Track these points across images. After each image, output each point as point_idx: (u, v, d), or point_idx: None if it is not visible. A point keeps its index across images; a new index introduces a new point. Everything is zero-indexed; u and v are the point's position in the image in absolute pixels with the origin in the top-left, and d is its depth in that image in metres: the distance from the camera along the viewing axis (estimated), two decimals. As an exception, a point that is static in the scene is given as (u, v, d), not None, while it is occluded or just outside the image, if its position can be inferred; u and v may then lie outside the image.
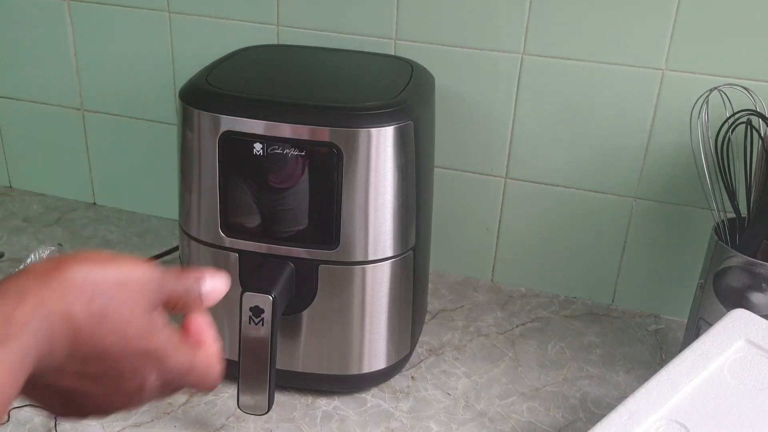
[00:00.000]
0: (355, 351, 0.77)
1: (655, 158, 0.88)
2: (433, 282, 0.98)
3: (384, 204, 0.71)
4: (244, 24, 0.97)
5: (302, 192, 0.70)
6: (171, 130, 0.74)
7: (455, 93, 0.92)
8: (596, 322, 0.94)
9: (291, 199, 0.70)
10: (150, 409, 0.76)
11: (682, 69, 0.84)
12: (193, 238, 0.75)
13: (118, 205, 1.17)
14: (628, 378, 0.84)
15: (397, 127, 0.69)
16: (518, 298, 0.99)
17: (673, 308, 0.95)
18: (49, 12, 1.05)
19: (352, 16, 0.92)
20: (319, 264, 0.72)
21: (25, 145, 1.17)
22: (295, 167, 0.69)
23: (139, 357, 0.41)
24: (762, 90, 0.79)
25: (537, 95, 0.90)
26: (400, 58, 0.87)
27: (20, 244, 1.06)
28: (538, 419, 0.78)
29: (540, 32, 0.87)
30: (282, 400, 0.78)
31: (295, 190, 0.70)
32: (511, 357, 0.87)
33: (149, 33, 1.02)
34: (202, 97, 0.71)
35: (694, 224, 0.89)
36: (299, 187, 0.70)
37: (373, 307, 0.75)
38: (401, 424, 0.76)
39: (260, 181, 0.70)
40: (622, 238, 0.94)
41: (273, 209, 0.71)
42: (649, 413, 0.60)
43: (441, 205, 0.94)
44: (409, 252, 0.76)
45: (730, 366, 0.64)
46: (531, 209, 0.96)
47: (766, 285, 0.72)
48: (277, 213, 0.71)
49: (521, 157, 0.93)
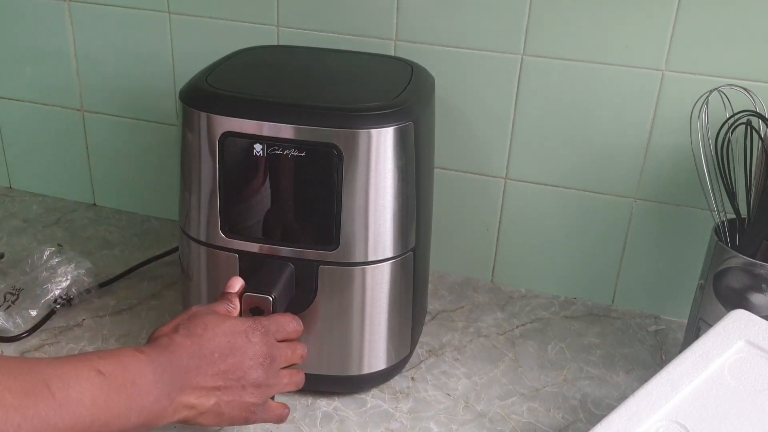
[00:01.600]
0: (355, 352, 0.77)
1: (655, 159, 0.88)
2: (433, 282, 0.98)
3: (384, 205, 0.71)
4: (244, 24, 0.97)
5: (302, 193, 0.70)
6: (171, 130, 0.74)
7: (455, 93, 0.92)
8: (596, 323, 0.94)
9: (291, 200, 0.70)
10: (150, 410, 0.76)
11: (682, 70, 0.84)
12: (193, 239, 0.75)
13: (118, 205, 1.17)
14: (628, 379, 0.84)
15: (397, 127, 0.69)
16: (518, 298, 0.99)
17: (673, 309, 0.95)
18: (49, 12, 1.05)
19: (352, 16, 0.92)
20: (319, 265, 0.72)
21: (25, 146, 1.17)
22: (295, 168, 0.69)
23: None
24: (762, 91, 0.79)
25: (537, 96, 0.90)
26: (400, 59, 0.87)
27: (20, 244, 1.06)
28: (538, 420, 0.78)
29: (540, 32, 0.87)
30: (282, 400, 0.78)
31: (295, 191, 0.70)
32: (511, 358, 0.87)
33: (149, 33, 1.02)
34: (203, 97, 0.71)
35: (694, 225, 0.89)
36: (299, 188, 0.70)
37: (373, 307, 0.75)
38: (401, 424, 0.76)
39: (260, 182, 0.70)
40: (622, 239, 0.94)
41: (273, 210, 0.71)
42: (650, 414, 0.61)
43: (441, 206, 0.94)
44: (409, 253, 0.76)
45: (730, 367, 0.64)
46: (531, 209, 0.96)
47: (766, 286, 0.72)
48: (277, 214, 0.71)
49: (521, 157, 0.93)
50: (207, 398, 0.61)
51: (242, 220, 0.72)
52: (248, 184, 0.70)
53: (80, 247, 1.05)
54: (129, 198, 1.15)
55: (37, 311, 0.88)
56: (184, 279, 0.79)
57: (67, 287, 0.91)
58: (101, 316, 0.91)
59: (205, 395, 0.61)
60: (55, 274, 0.91)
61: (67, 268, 0.92)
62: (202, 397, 0.61)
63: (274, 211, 0.71)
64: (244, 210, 0.71)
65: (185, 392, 0.60)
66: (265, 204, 0.71)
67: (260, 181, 0.70)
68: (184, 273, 0.79)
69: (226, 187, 0.71)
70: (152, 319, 0.91)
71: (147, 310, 0.93)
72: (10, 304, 0.88)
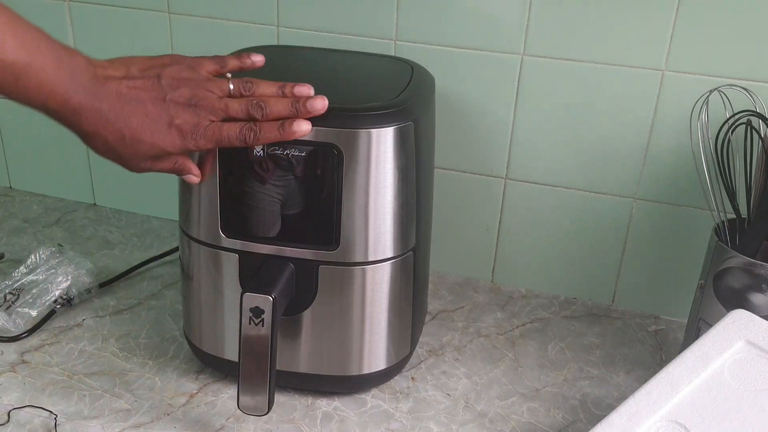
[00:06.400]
0: (355, 352, 0.77)
1: (655, 159, 0.88)
2: (433, 282, 0.98)
3: (384, 205, 0.71)
4: (244, 25, 0.97)
5: (302, 193, 0.70)
6: (171, 130, 0.74)
7: (455, 93, 0.92)
8: (596, 323, 0.94)
9: (291, 200, 0.70)
10: (150, 410, 0.76)
11: (682, 70, 0.84)
12: (193, 238, 0.75)
13: (118, 205, 1.17)
14: (628, 379, 0.84)
15: (398, 127, 0.69)
16: (518, 298, 0.99)
17: (673, 309, 0.95)
18: (49, 12, 1.05)
19: (352, 16, 0.92)
20: (319, 265, 0.72)
21: (25, 145, 1.17)
22: (295, 168, 0.69)
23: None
24: (762, 91, 0.80)
25: (537, 96, 0.90)
26: (400, 59, 0.87)
27: (20, 244, 1.06)
28: (539, 420, 0.78)
29: (540, 32, 0.87)
30: (282, 400, 0.78)
31: (295, 191, 0.70)
32: (511, 358, 0.87)
33: (149, 33, 1.02)
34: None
35: (694, 225, 0.89)
36: (299, 188, 0.70)
37: (373, 307, 0.75)
38: (401, 425, 0.76)
39: (260, 182, 0.70)
40: (622, 239, 0.94)
41: (273, 210, 0.71)
42: (650, 414, 0.61)
43: (441, 206, 0.94)
44: (409, 253, 0.76)
45: (730, 367, 0.64)
46: (531, 210, 0.96)
47: (766, 286, 0.72)
48: (277, 214, 0.71)
49: (521, 157, 0.93)
50: (117, 70, 0.60)
51: (242, 220, 0.72)
52: (248, 184, 0.70)
53: (80, 247, 1.05)
54: (129, 198, 1.15)
55: (37, 311, 0.88)
56: (184, 279, 0.79)
57: (67, 287, 0.91)
58: (101, 316, 0.91)
59: (113, 68, 0.61)
60: (55, 274, 0.91)
61: (67, 268, 0.92)
62: (109, 68, 0.60)
63: (274, 211, 0.71)
64: (244, 210, 0.72)
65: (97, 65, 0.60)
66: (265, 204, 0.71)
67: (260, 181, 0.70)
68: (184, 273, 0.79)
69: (226, 187, 0.71)
70: (152, 319, 0.91)
71: (147, 310, 0.93)
72: (10, 304, 0.88)
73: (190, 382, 0.81)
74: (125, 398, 0.78)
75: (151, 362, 0.83)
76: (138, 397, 0.78)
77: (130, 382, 0.80)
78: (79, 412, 0.76)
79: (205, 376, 0.82)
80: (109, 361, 0.83)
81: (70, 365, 0.82)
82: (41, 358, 0.83)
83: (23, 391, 0.78)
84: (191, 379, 0.81)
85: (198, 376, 0.82)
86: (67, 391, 0.79)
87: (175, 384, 0.80)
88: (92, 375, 0.81)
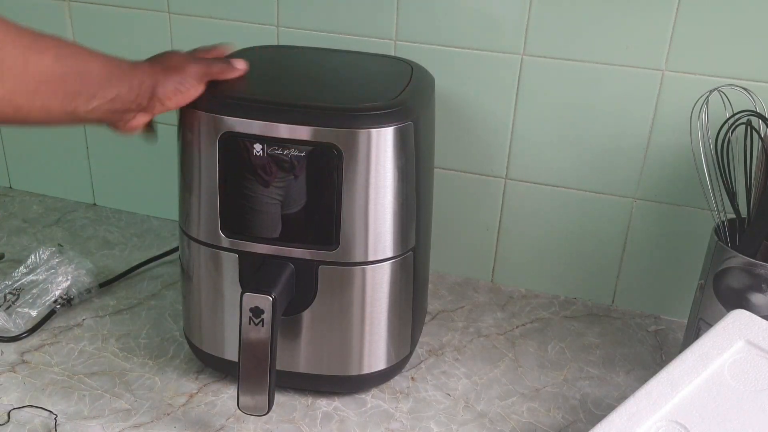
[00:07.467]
0: (355, 352, 0.77)
1: (655, 159, 0.88)
2: (433, 282, 0.98)
3: (384, 205, 0.71)
4: (244, 25, 0.97)
5: (302, 193, 0.70)
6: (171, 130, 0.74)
7: (455, 93, 0.92)
8: (596, 323, 0.94)
9: (291, 200, 0.70)
10: (150, 410, 0.76)
11: (682, 70, 0.84)
12: (193, 238, 0.75)
13: (118, 205, 1.17)
14: (628, 379, 0.84)
15: (397, 127, 0.69)
16: (518, 298, 0.99)
17: (673, 309, 0.95)
18: (49, 12, 1.05)
19: (352, 16, 0.92)
20: (319, 265, 0.72)
21: (25, 146, 1.17)
22: (295, 168, 0.69)
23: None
24: (762, 91, 0.80)
25: (537, 96, 0.90)
26: (400, 59, 0.87)
27: (20, 244, 1.06)
28: (539, 420, 0.78)
29: (540, 32, 0.87)
30: (282, 400, 0.78)
31: (295, 191, 0.70)
32: (511, 358, 0.87)
33: (149, 33, 1.02)
34: (202, 97, 0.71)
35: (694, 225, 0.89)
36: (299, 188, 0.70)
37: (373, 307, 0.75)
38: (401, 424, 0.76)
39: (260, 182, 0.70)
40: (622, 239, 0.94)
41: (273, 210, 0.71)
42: (650, 414, 0.61)
43: (441, 206, 0.94)
44: (409, 253, 0.76)
45: (730, 367, 0.64)
46: (531, 210, 0.96)
47: (766, 286, 0.72)
48: (277, 214, 0.71)
49: (521, 157, 0.93)
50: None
51: (242, 220, 0.72)
52: (248, 184, 0.70)
53: (80, 247, 1.05)
54: (129, 198, 1.15)
55: (37, 311, 0.88)
56: (184, 279, 0.79)
57: (67, 287, 0.91)
58: (101, 316, 0.91)
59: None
60: (55, 274, 0.92)
61: (67, 268, 0.92)
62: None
63: (273, 211, 0.71)
64: (244, 210, 0.72)
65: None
66: (265, 204, 0.71)
67: (260, 181, 0.70)
68: (184, 273, 0.79)
69: (226, 187, 0.71)
70: (152, 319, 0.91)
71: (147, 310, 0.93)
72: (10, 304, 0.88)
73: (190, 382, 0.81)
74: (125, 398, 0.78)
75: (151, 362, 0.83)
76: (138, 397, 0.78)
77: (130, 382, 0.80)
78: (79, 412, 0.76)
79: (205, 376, 0.82)
80: (109, 361, 0.83)
81: (70, 365, 0.82)
82: (41, 358, 0.83)
83: (23, 391, 0.78)
84: (191, 379, 0.81)
85: (198, 376, 0.82)
86: (67, 391, 0.79)
87: (175, 384, 0.80)
88: (92, 375, 0.81)
